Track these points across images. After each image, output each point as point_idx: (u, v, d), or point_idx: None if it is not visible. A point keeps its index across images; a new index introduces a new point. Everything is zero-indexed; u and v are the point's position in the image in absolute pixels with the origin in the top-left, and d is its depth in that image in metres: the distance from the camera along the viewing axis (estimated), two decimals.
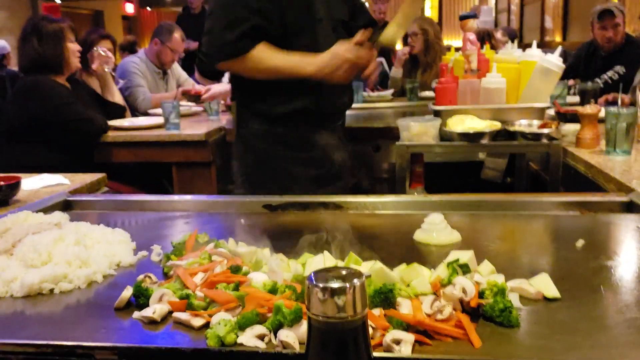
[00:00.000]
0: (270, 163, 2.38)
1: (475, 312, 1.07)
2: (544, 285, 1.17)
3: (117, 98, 4.16)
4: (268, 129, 2.37)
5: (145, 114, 4.67)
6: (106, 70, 4.03)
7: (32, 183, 2.32)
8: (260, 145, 2.39)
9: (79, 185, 2.32)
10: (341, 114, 2.57)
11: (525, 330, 1.03)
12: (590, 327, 1.03)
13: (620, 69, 4.62)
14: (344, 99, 2.50)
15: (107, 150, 3.75)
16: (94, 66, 4.02)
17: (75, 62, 3.61)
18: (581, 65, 5.12)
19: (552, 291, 1.16)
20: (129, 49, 6.66)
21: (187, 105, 4.74)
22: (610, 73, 4.65)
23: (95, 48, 4.09)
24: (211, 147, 3.67)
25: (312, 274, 0.75)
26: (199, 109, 4.68)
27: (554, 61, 2.64)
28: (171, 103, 3.76)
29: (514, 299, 1.12)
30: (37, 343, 1.03)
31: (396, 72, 5.46)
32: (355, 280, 0.74)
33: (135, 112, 4.78)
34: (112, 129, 3.79)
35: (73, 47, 3.59)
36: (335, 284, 0.73)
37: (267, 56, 2.25)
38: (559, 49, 2.83)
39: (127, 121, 4.04)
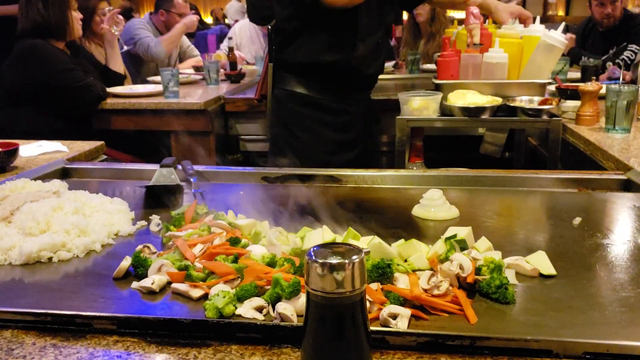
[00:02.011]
0: (299, 123, 2.46)
1: (471, 288, 1.08)
2: (541, 262, 1.18)
3: (119, 66, 4.13)
4: (299, 91, 2.45)
5: (151, 76, 4.66)
6: (115, 33, 3.99)
7: (30, 150, 2.31)
8: (290, 104, 2.47)
9: (77, 152, 2.31)
10: (372, 79, 2.61)
11: (521, 307, 1.04)
12: (585, 305, 1.04)
13: (635, 47, 4.53)
14: (378, 62, 2.54)
15: (105, 118, 3.73)
16: (104, 25, 3.97)
17: (77, 29, 3.58)
18: (579, 41, 5.08)
19: (548, 268, 1.17)
20: (126, 15, 6.59)
21: (186, 74, 4.71)
22: (627, 53, 4.58)
23: (107, 9, 4.06)
24: (210, 116, 3.65)
25: (312, 250, 0.76)
26: (198, 77, 4.65)
27: (557, 37, 2.62)
28: (170, 71, 3.73)
29: (510, 275, 1.13)
30: (35, 312, 1.04)
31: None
32: (354, 257, 0.74)
33: (139, 71, 4.76)
34: (111, 96, 3.77)
35: (76, 15, 3.55)
36: (334, 260, 0.73)
37: None
38: (562, 25, 2.79)
39: (126, 88, 4.02)
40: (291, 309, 0.98)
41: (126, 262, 1.19)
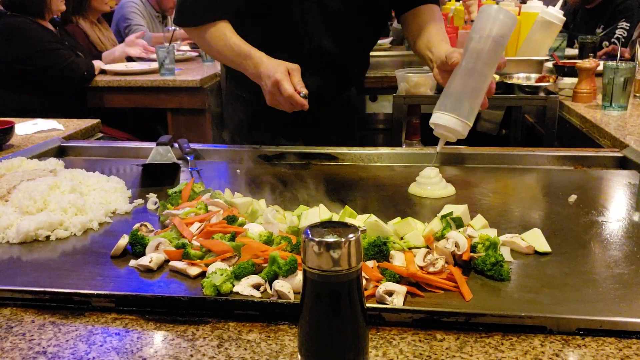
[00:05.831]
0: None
1: (467, 266, 1.09)
2: (536, 239, 1.19)
3: None
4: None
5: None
6: None
7: (26, 128, 2.30)
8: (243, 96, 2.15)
9: (74, 130, 2.30)
10: (329, 97, 2.04)
11: (515, 284, 1.05)
12: (579, 282, 1.05)
13: (625, 24, 4.50)
14: (331, 87, 2.01)
15: (100, 95, 3.71)
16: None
17: (58, 6, 3.54)
18: (569, 19, 5.05)
19: (543, 246, 1.17)
20: None
21: (182, 51, 4.68)
22: (619, 31, 4.54)
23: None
24: (206, 93, 3.63)
25: (308, 228, 0.76)
26: (194, 54, 4.61)
27: (555, 13, 2.61)
28: (165, 48, 3.70)
29: (505, 253, 1.14)
30: (34, 290, 1.05)
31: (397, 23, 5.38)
32: (351, 235, 0.75)
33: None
34: (105, 74, 3.74)
35: None
36: (330, 239, 0.74)
37: (217, 38, 1.81)
38: (561, 1, 2.78)
39: (122, 65, 3.99)
40: (288, 287, 0.99)
41: (124, 241, 1.19)
